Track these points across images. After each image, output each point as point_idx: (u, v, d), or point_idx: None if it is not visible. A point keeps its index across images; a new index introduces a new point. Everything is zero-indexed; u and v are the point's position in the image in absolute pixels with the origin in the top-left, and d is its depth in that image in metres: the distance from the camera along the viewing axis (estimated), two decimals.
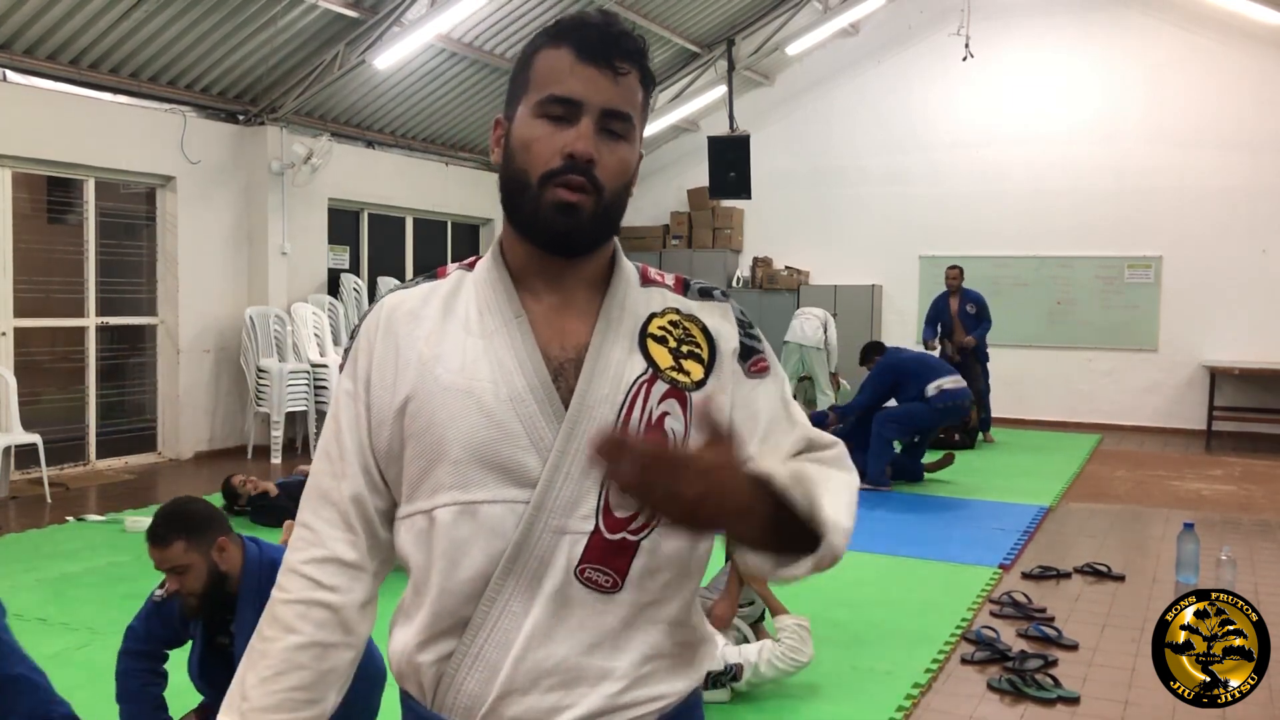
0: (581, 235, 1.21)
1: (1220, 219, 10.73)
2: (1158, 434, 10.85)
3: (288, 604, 1.24)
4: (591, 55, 1.19)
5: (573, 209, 1.19)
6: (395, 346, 1.25)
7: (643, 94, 1.24)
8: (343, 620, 1.25)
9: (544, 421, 1.19)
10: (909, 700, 3.73)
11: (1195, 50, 10.78)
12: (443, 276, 1.31)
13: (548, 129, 1.19)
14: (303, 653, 1.22)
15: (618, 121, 1.20)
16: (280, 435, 8.55)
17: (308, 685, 1.22)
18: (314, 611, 1.23)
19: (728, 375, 1.27)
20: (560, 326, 1.24)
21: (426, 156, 10.74)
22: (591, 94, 1.19)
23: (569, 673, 1.18)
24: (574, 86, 1.19)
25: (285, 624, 1.23)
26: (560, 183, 1.18)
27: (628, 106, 1.21)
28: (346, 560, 1.25)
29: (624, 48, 1.21)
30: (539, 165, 1.19)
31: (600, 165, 1.19)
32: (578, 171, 1.18)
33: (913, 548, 5.94)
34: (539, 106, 1.20)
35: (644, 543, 1.20)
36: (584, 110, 1.19)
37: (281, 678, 1.21)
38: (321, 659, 1.23)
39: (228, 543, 2.64)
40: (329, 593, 1.24)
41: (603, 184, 1.20)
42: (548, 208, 1.19)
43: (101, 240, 8.01)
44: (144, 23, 7.34)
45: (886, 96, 11.99)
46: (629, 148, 1.23)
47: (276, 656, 1.22)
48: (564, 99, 1.19)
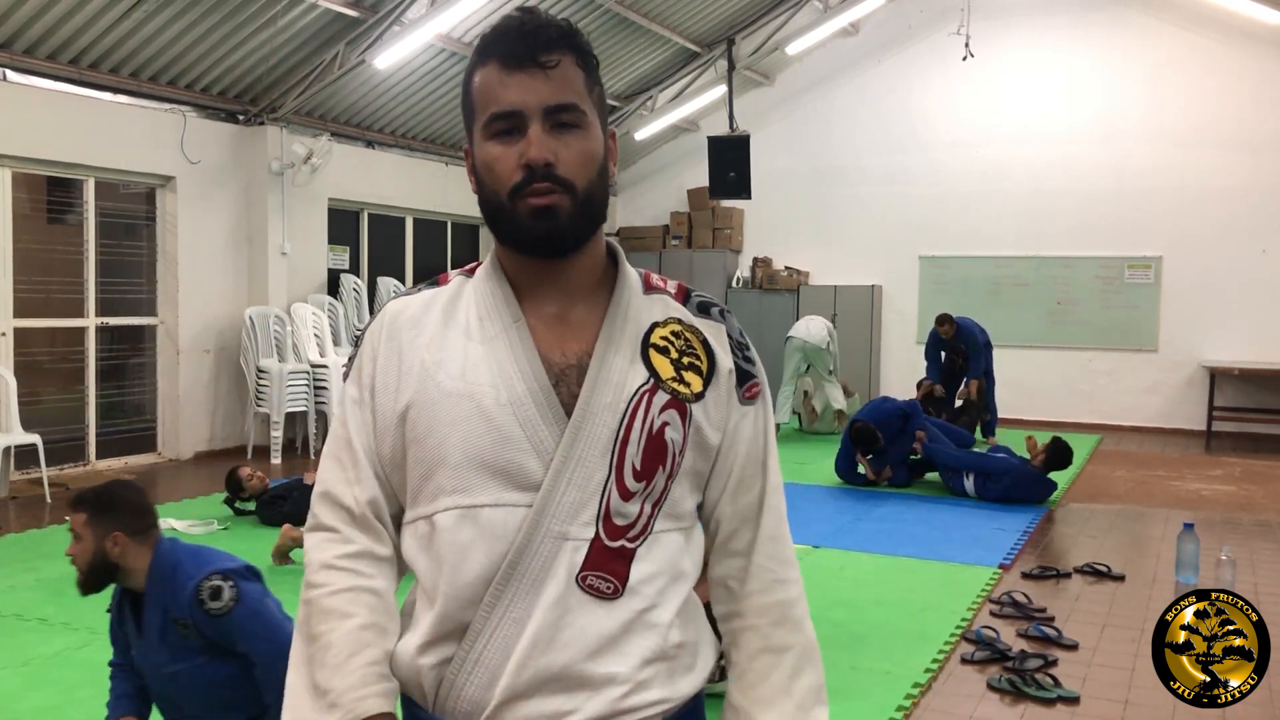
0: (564, 233, 1.21)
1: (1220, 219, 10.73)
2: (1158, 434, 10.85)
3: (334, 594, 1.23)
4: (516, 61, 1.19)
5: (548, 211, 1.19)
6: (398, 353, 1.25)
7: (584, 75, 1.23)
8: (388, 606, 1.25)
9: (544, 426, 1.20)
10: (909, 700, 3.73)
11: (1195, 50, 10.78)
12: (444, 283, 1.32)
13: (501, 147, 1.20)
14: (367, 631, 1.22)
15: (564, 114, 1.20)
16: (280, 435, 8.55)
17: (380, 660, 1.21)
18: (364, 597, 1.23)
19: (724, 395, 1.29)
20: (562, 333, 1.25)
21: (426, 156, 10.74)
22: (527, 98, 1.19)
23: (571, 679, 1.18)
24: (509, 97, 1.19)
25: (340, 612, 1.22)
26: (528, 193, 1.19)
27: (569, 96, 1.20)
28: (378, 554, 1.26)
29: (545, 40, 1.20)
30: (505, 183, 1.20)
31: (561, 163, 1.19)
32: (539, 178, 1.19)
33: (913, 548, 5.94)
34: (486, 129, 1.21)
35: (640, 549, 1.21)
36: (526, 117, 1.19)
37: (355, 657, 1.20)
38: (384, 639, 1.23)
39: (124, 539, 2.64)
40: (371, 579, 1.24)
41: (570, 180, 1.20)
42: (525, 217, 1.20)
43: (101, 240, 8.02)
44: (144, 23, 7.34)
45: (886, 96, 11.99)
46: (586, 135, 1.22)
47: (341, 641, 1.20)
48: (503, 114, 1.20)
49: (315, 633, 1.22)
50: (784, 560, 1.33)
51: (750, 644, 1.30)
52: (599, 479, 1.19)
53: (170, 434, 8.52)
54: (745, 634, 1.30)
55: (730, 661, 1.32)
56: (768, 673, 1.29)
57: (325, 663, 1.20)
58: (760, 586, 1.31)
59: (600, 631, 1.19)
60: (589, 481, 1.19)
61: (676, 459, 1.23)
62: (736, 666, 1.30)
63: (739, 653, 1.30)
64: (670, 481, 1.23)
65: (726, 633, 1.33)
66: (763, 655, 1.29)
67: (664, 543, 1.24)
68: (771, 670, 1.29)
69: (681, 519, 1.27)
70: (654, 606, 1.22)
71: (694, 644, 1.28)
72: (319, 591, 1.24)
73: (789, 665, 1.29)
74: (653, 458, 1.21)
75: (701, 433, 1.25)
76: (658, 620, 1.22)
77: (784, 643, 1.30)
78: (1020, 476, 7.16)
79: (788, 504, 1.38)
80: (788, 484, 1.46)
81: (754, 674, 1.29)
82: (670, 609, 1.23)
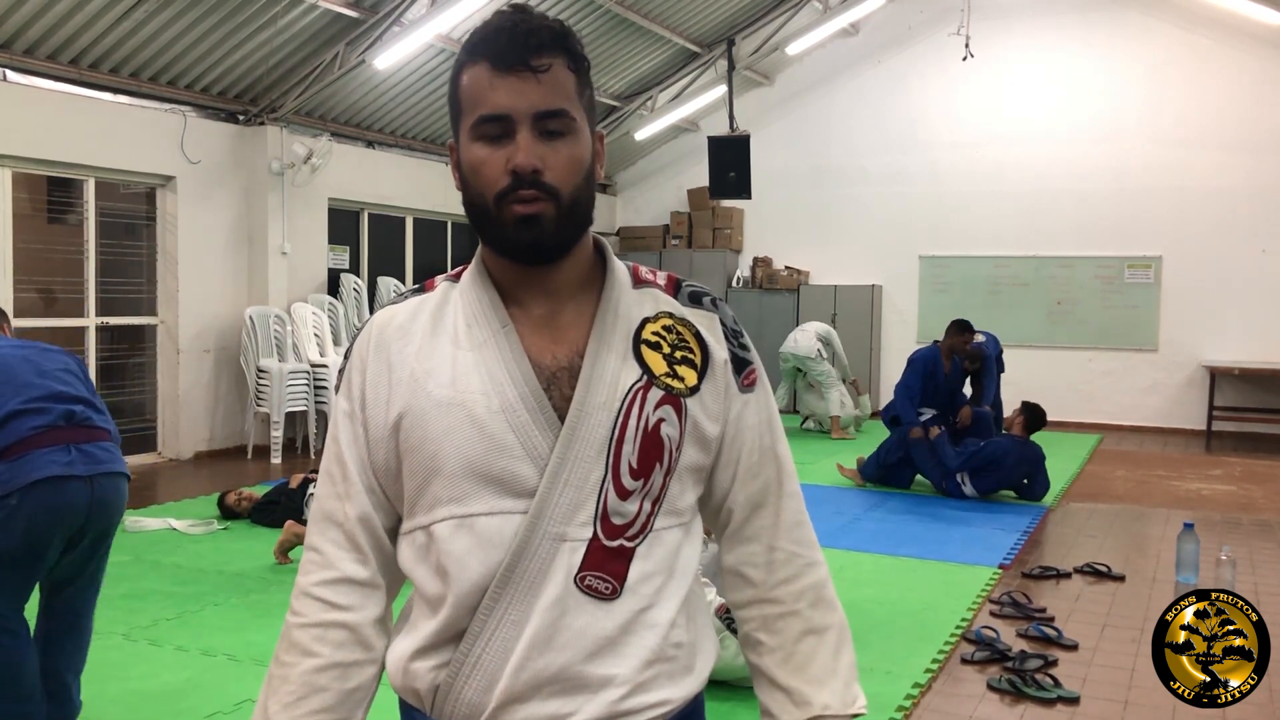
0: (548, 242, 1.20)
1: (1220, 219, 10.73)
2: (1158, 434, 10.85)
3: (303, 628, 1.24)
4: (507, 63, 1.17)
5: (533, 220, 1.18)
6: (388, 364, 1.24)
7: (575, 78, 1.21)
8: (361, 638, 1.25)
9: (537, 431, 1.19)
10: (909, 700, 3.73)
11: (1195, 50, 10.78)
12: (431, 289, 1.31)
13: (488, 150, 1.18)
14: (323, 675, 1.22)
15: (554, 120, 1.18)
16: (280, 435, 8.55)
17: (331, 707, 1.23)
18: (331, 633, 1.23)
19: (720, 386, 1.28)
20: (551, 336, 1.24)
21: (426, 156, 10.74)
22: (517, 102, 1.17)
23: (570, 680, 1.18)
24: (499, 100, 1.17)
25: (303, 648, 1.23)
26: (513, 200, 1.18)
27: (560, 102, 1.18)
28: (358, 579, 1.26)
29: (537, 44, 1.18)
30: (490, 187, 1.18)
31: (549, 170, 1.18)
32: (526, 185, 1.17)
33: (913, 548, 5.94)
34: (474, 130, 1.19)
35: (640, 547, 1.21)
36: (515, 122, 1.17)
37: (303, 701, 1.22)
38: (344, 679, 1.23)
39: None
40: (344, 612, 1.24)
41: (556, 188, 1.18)
42: (509, 225, 1.19)
43: (101, 240, 8.01)
44: (144, 23, 7.34)
45: (886, 96, 12.00)
46: (575, 141, 1.20)
47: (297, 681, 1.22)
48: (492, 117, 1.17)
49: (282, 661, 1.25)
50: (810, 544, 1.34)
51: (792, 628, 1.31)
52: (595, 479, 1.19)
53: (170, 434, 8.52)
54: (785, 619, 1.31)
55: (761, 644, 1.32)
56: (814, 653, 1.31)
57: (279, 696, 1.23)
58: (794, 572, 1.32)
59: (599, 633, 1.19)
60: (585, 482, 1.19)
61: (673, 455, 1.23)
62: (779, 650, 1.31)
63: (779, 637, 1.31)
64: (668, 478, 1.23)
65: (754, 618, 1.33)
66: (807, 638, 1.31)
67: (663, 540, 1.23)
68: (818, 650, 1.31)
69: (681, 514, 1.26)
70: (653, 606, 1.22)
71: (694, 644, 1.27)
72: (292, 620, 1.26)
73: (831, 644, 1.32)
74: (649, 455, 1.21)
75: (699, 427, 1.25)
76: (657, 620, 1.22)
77: (824, 623, 1.32)
78: (1007, 449, 7.24)
79: None
80: None
81: (801, 655, 1.30)
82: (670, 608, 1.23)
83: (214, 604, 4.71)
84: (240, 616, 4.56)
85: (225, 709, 3.54)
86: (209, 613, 4.58)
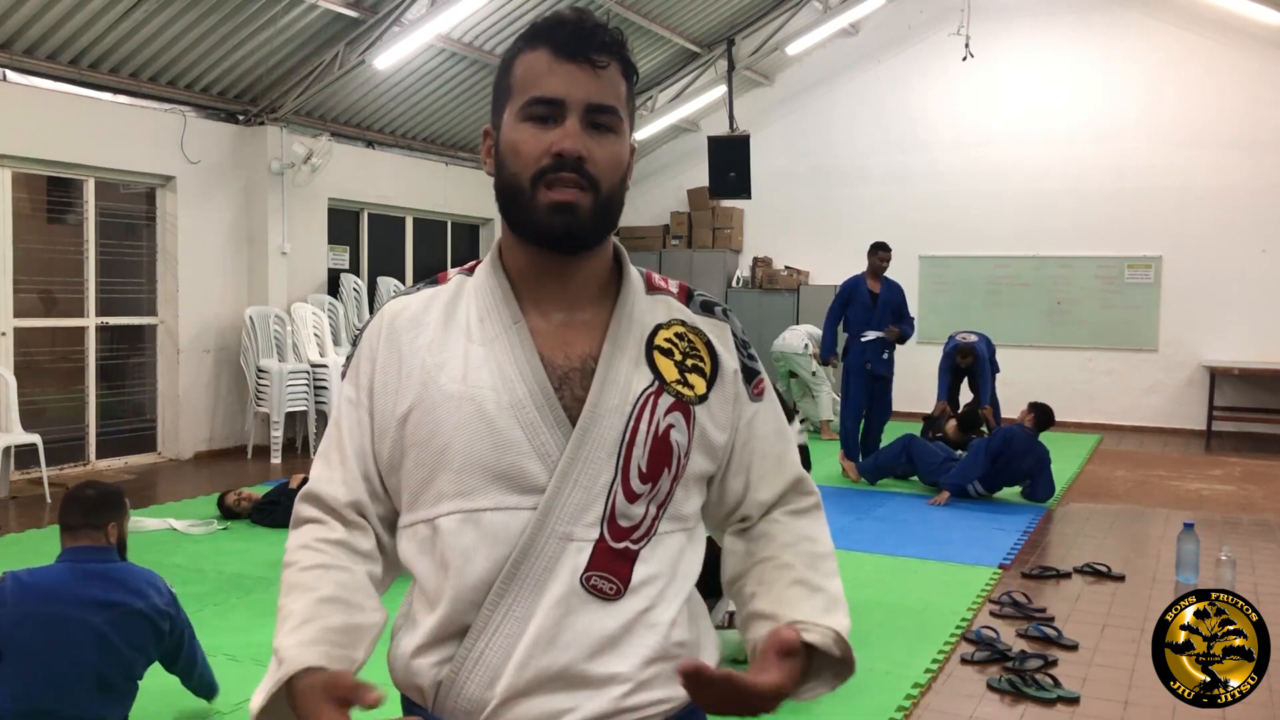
0: (581, 232, 1.21)
1: (1220, 219, 10.73)
2: (1158, 434, 10.85)
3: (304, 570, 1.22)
4: (569, 52, 1.19)
5: (570, 208, 1.19)
6: (399, 355, 1.25)
7: (625, 85, 1.23)
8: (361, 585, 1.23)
9: (546, 429, 1.19)
10: (909, 700, 3.73)
11: (1194, 50, 10.78)
12: (444, 282, 1.31)
13: (534, 130, 1.19)
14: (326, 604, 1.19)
15: (603, 115, 1.20)
16: (280, 435, 8.55)
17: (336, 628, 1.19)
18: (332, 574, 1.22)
19: (730, 395, 1.29)
20: (565, 335, 1.24)
21: (426, 156, 10.74)
22: (573, 91, 1.18)
23: (573, 678, 1.18)
24: (555, 85, 1.19)
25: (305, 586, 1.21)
26: (553, 181, 1.18)
27: (611, 99, 1.21)
28: (357, 547, 1.25)
29: (600, 41, 1.20)
30: (529, 166, 1.19)
31: (591, 160, 1.19)
32: (568, 169, 1.18)
33: (913, 548, 5.94)
34: (523, 110, 1.20)
35: (644, 550, 1.22)
36: (568, 108, 1.19)
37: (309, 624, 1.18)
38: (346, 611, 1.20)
39: None
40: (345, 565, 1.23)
41: (597, 179, 1.20)
42: (544, 210, 1.19)
43: (101, 240, 8.01)
44: (144, 23, 7.34)
45: (886, 96, 11.99)
46: (618, 140, 1.22)
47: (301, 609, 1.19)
48: (546, 99, 1.19)
49: (281, 605, 1.22)
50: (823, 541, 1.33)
51: (784, 578, 1.26)
52: (605, 481, 1.19)
53: (170, 434, 8.52)
54: (779, 570, 1.26)
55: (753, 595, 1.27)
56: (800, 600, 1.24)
57: (283, 629, 1.19)
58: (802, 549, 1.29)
59: (601, 632, 1.19)
60: (595, 483, 1.19)
61: (682, 461, 1.23)
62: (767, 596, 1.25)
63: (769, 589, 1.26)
64: (675, 484, 1.23)
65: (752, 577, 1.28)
66: (796, 587, 1.25)
67: (666, 544, 1.24)
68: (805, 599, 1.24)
69: (685, 520, 1.27)
70: (655, 606, 1.22)
71: (695, 644, 1.27)
72: (290, 569, 1.23)
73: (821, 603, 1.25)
74: (658, 460, 1.22)
75: (707, 435, 1.26)
76: (658, 620, 1.22)
77: (819, 585, 1.26)
78: (1015, 433, 7.20)
79: None
80: None
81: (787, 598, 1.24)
82: (671, 609, 1.23)
83: (214, 604, 4.71)
84: (240, 616, 4.56)
85: (225, 709, 3.53)
86: (209, 613, 4.57)
